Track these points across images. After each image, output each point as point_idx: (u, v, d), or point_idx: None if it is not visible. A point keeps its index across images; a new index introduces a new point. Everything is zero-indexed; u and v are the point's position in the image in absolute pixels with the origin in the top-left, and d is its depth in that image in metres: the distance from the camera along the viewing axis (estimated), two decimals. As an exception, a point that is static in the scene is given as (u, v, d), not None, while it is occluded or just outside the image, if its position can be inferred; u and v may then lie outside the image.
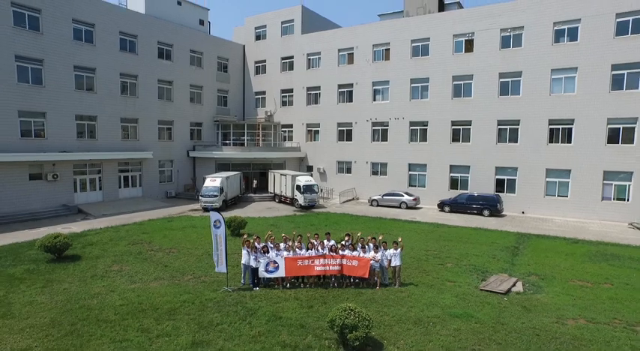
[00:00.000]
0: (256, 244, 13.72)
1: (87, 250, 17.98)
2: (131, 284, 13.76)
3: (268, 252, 13.41)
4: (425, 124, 32.79)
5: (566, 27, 27.77)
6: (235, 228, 20.75)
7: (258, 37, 42.06)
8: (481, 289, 13.42)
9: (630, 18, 25.68)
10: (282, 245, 13.90)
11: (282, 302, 12.19)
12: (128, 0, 35.30)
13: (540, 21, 28.30)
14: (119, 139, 31.85)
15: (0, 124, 25.03)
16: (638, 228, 24.23)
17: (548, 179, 28.71)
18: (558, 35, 28.11)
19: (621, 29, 25.97)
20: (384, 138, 34.64)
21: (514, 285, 13.87)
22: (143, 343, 9.64)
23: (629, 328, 10.59)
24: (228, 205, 30.53)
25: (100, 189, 30.99)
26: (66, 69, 28.22)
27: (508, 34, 29.60)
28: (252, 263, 13.24)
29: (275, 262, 13.21)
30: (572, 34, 27.64)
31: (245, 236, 15.10)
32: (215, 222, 13.20)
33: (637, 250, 18.91)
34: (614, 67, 26.28)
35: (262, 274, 13.20)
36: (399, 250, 13.68)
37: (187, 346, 9.47)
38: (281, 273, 13.21)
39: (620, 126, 26.46)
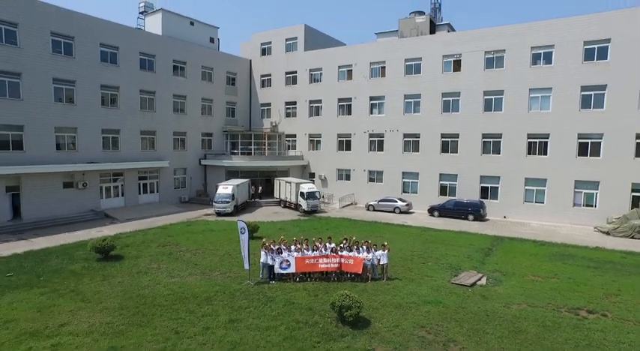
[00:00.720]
0: (272, 246, 17.18)
1: (125, 250, 21.44)
2: (171, 278, 17.23)
3: (282, 253, 16.89)
4: (417, 136, 36.27)
5: (542, 51, 31.25)
6: (249, 232, 24.14)
7: (263, 53, 45.53)
8: (452, 283, 16.88)
9: (595, 46, 29.16)
10: (292, 247, 17.37)
11: (294, 292, 15.65)
12: (146, 22, 38.87)
13: (520, 45, 31.77)
14: (139, 150, 35.35)
15: (40, 139, 28.52)
16: (601, 231, 27.69)
17: (527, 187, 32.18)
18: (535, 58, 31.58)
19: (588, 55, 29.46)
20: (380, 148, 38.13)
21: (479, 279, 17.32)
22: (193, 320, 13.10)
23: (557, 310, 14.06)
24: (238, 210, 33.99)
25: (122, 195, 34.49)
26: (94, 88, 31.71)
27: (491, 56, 33.08)
28: (269, 262, 16.71)
29: (287, 261, 16.69)
30: (548, 58, 31.11)
31: (264, 240, 18.52)
32: (241, 229, 16.69)
33: (591, 251, 22.38)
34: (583, 88, 29.76)
35: (277, 270, 16.67)
36: (386, 251, 17.14)
37: (226, 322, 12.93)
38: (292, 269, 16.68)
39: (589, 141, 29.93)
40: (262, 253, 16.89)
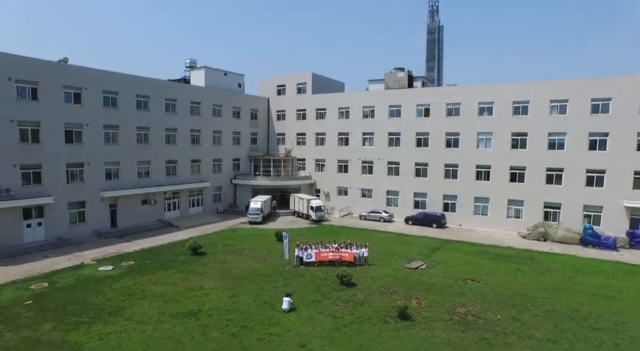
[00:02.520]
0: (302, 246, 29.90)
1: (204, 249, 34.03)
2: (241, 264, 29.91)
3: (307, 249, 29.61)
4: (398, 164, 49.05)
5: (485, 106, 44.14)
6: (280, 237, 36.87)
7: (279, 92, 58.31)
8: (405, 267, 29.63)
9: (485, 106, 42.10)
10: (313, 246, 30.09)
11: (315, 271, 28.33)
12: (192, 75, 51.59)
13: (470, 101, 44.62)
14: (189, 174, 48.03)
15: (128, 171, 41.22)
16: (521, 236, 40.53)
17: (475, 204, 45.01)
18: (481, 111, 44.42)
19: (516, 111, 42.37)
20: (370, 172, 50.90)
21: (421, 265, 30.09)
22: (266, 284, 25.72)
23: (455, 280, 26.84)
24: (264, 219, 46.65)
25: (178, 208, 47.18)
26: (161, 131, 44.40)
27: (451, 107, 45.92)
28: (300, 254, 29.44)
29: (310, 254, 29.40)
30: (490, 111, 43.98)
31: (297, 243, 31.07)
32: (284, 236, 29.49)
33: (502, 249, 35.21)
34: (513, 134, 42.62)
35: (305, 259, 29.39)
36: (367, 248, 29.92)
37: (283, 285, 25.54)
38: (313, 259, 29.38)
39: (517, 172, 42.79)
40: (296, 249, 29.64)
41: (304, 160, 55.88)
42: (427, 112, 47.31)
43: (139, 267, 29.23)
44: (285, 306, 21.52)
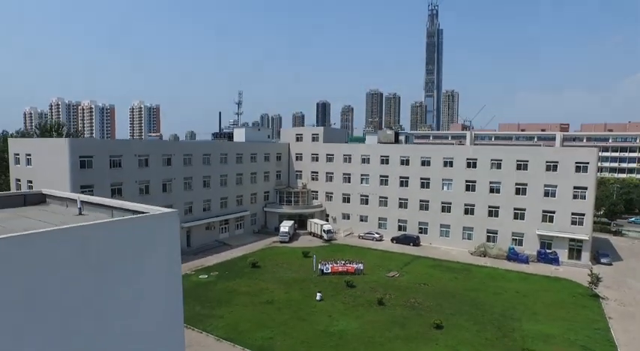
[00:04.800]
0: (322, 261, 49.49)
1: (259, 264, 53.39)
2: (286, 274, 49.44)
3: (326, 264, 49.26)
4: (386, 198, 68.64)
5: (448, 160, 63.73)
6: (305, 254, 56.44)
7: (297, 139, 77.96)
8: (385, 276, 49.22)
9: (472, 161, 61.79)
10: (329, 262, 49.70)
11: (331, 278, 47.87)
12: (235, 132, 71.27)
13: (437, 156, 64.22)
14: (235, 206, 67.64)
15: (197, 207, 60.79)
16: (470, 253, 60.09)
17: (441, 229, 64.61)
18: (445, 163, 64.00)
19: (468, 165, 61.96)
20: (367, 203, 70.48)
21: (396, 274, 49.68)
22: (308, 285, 45.27)
23: (412, 282, 46.45)
24: (290, 239, 66.10)
25: (228, 231, 66.81)
26: (217, 177, 64.01)
27: (424, 159, 65.49)
28: (321, 267, 49.05)
29: (328, 267, 49.07)
30: (451, 163, 63.55)
31: (320, 260, 50.44)
32: (314, 256, 49.13)
33: (453, 263, 54.73)
34: (466, 181, 62.19)
35: (324, 271, 49.00)
36: (362, 264, 49.56)
37: (314, 286, 45.02)
38: (329, 270, 49.00)
39: (469, 207, 62.38)
40: (319, 264, 49.28)
41: (317, 192, 75.42)
42: (407, 162, 66.89)
43: (222, 276, 48.78)
44: (317, 297, 41.11)
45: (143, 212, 12.32)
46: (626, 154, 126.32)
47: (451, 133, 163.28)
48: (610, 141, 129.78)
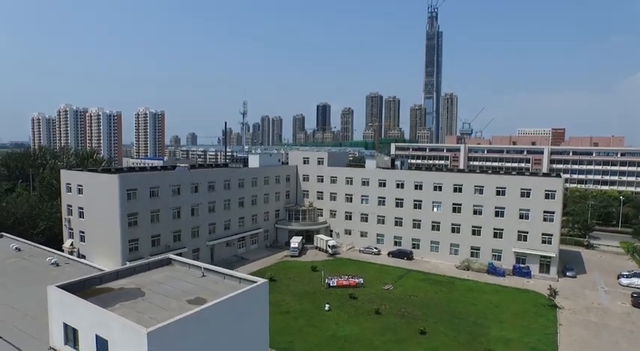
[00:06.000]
0: (329, 276, 59.29)
1: (275, 278, 63.12)
2: (298, 287, 59.27)
3: (332, 278, 59.07)
4: (384, 217, 78.45)
5: (437, 185, 73.48)
6: (313, 268, 66.21)
7: (304, 162, 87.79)
8: (382, 288, 59.04)
9: (459, 186, 71.64)
10: (335, 277, 59.50)
11: (337, 291, 57.70)
12: (250, 158, 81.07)
13: (428, 181, 74.04)
14: (250, 224, 77.49)
15: (219, 227, 70.60)
16: (456, 267, 69.85)
17: (431, 245, 74.43)
18: (435, 188, 73.77)
19: (455, 190, 71.75)
20: (366, 221, 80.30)
21: (390, 287, 59.50)
22: (317, 297, 55.08)
23: (404, 294, 56.29)
24: (299, 253, 75.85)
25: (244, 246, 76.65)
26: (235, 199, 73.83)
27: (417, 183, 75.25)
28: (328, 281, 58.86)
29: (334, 281, 58.89)
30: (440, 188, 73.30)
31: (327, 275, 60.18)
32: (322, 271, 58.98)
33: (440, 277, 64.55)
34: (453, 203, 71.96)
35: (331, 284, 58.80)
36: (362, 279, 59.38)
37: (322, 298, 54.87)
38: (335, 284, 58.81)
39: (456, 226, 72.18)
40: (326, 278, 59.09)
41: (322, 209, 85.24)
42: (402, 186, 76.72)
43: (245, 288, 58.53)
44: (326, 308, 50.94)
45: (233, 276, 22.28)
46: (609, 168, 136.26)
47: (446, 146, 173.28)
48: (594, 155, 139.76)
